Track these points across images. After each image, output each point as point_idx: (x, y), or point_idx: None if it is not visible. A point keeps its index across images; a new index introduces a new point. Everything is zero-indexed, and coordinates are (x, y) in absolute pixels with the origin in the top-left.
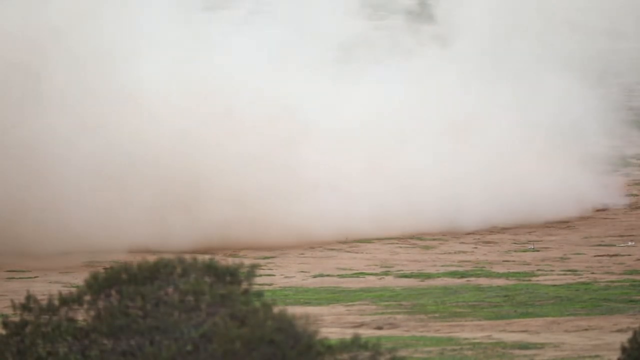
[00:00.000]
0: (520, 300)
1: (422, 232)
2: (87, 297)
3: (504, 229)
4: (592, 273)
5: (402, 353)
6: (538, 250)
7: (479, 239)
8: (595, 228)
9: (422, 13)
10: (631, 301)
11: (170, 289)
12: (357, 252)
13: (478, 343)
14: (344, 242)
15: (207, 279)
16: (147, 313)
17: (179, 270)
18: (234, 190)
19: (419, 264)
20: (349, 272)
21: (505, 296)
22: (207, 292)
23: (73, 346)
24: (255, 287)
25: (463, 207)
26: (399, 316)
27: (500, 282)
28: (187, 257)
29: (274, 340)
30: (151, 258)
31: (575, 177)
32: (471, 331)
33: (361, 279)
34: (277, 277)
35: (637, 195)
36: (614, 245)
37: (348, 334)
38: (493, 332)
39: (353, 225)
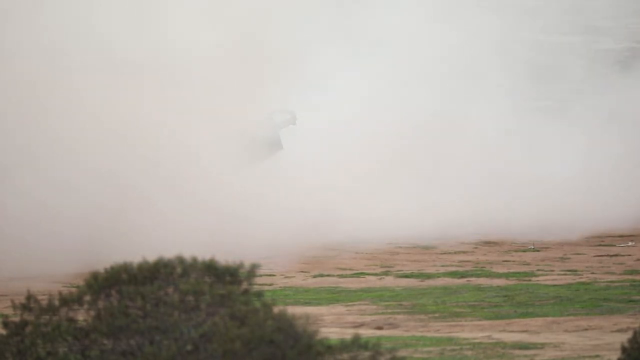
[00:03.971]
0: (520, 300)
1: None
2: (87, 297)
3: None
4: (592, 273)
5: (402, 353)
6: (538, 250)
7: (479, 238)
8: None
9: None
10: (631, 301)
11: (170, 289)
12: (357, 252)
13: (478, 343)
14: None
15: (207, 279)
16: (147, 313)
17: (179, 270)
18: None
19: (419, 264)
20: (349, 272)
21: (505, 296)
22: (207, 292)
23: (73, 346)
24: (255, 287)
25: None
26: (399, 316)
27: (500, 282)
28: (187, 257)
29: (274, 340)
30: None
31: None
32: (471, 331)
33: (361, 279)
34: (277, 277)
35: None
36: (614, 245)
37: (348, 334)
38: (493, 332)
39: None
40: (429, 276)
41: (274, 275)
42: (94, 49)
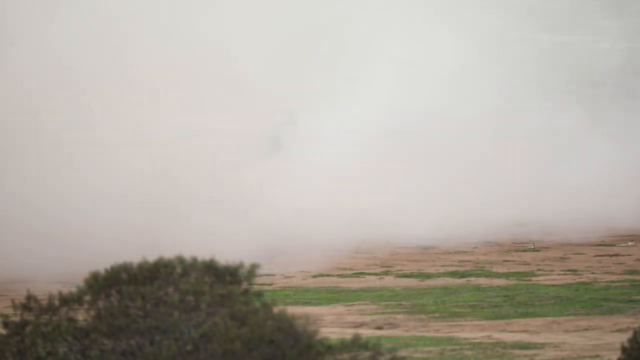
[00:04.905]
0: (520, 300)
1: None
2: (87, 297)
3: None
4: (592, 273)
5: (402, 353)
6: (538, 250)
7: (479, 238)
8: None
9: None
10: (631, 301)
11: (170, 289)
12: (357, 252)
13: (478, 343)
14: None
15: (207, 279)
16: (147, 313)
17: (179, 270)
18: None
19: (419, 264)
20: (349, 272)
21: (505, 296)
22: (207, 292)
23: (73, 346)
24: (255, 287)
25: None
26: (399, 316)
27: (500, 282)
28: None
29: (274, 340)
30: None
31: None
32: (471, 331)
33: (361, 279)
34: (277, 277)
35: None
36: (614, 245)
37: (348, 334)
38: (493, 332)
39: None
40: (429, 276)
41: (274, 275)
42: (109, 50)
